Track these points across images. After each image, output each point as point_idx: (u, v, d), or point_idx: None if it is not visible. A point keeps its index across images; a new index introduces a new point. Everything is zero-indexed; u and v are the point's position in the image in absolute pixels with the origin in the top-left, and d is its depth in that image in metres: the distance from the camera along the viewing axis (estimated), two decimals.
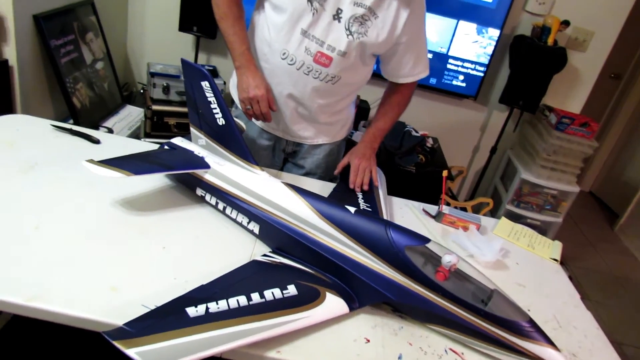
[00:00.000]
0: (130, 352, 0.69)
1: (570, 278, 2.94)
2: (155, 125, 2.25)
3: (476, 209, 2.73)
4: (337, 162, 1.53)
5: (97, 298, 0.83)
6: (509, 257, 1.32)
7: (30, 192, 1.06)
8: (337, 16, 1.23)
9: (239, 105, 1.47)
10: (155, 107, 2.24)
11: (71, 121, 2.02)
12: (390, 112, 1.46)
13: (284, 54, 1.29)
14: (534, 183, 2.67)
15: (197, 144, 1.22)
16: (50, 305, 0.79)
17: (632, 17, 2.65)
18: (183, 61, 1.14)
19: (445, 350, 0.92)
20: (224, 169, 1.13)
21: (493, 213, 2.84)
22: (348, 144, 1.61)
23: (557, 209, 2.74)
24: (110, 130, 2.17)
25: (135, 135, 2.31)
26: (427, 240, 0.96)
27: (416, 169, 2.35)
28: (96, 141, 1.35)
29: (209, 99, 1.11)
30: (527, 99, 2.56)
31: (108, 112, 2.32)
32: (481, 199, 2.53)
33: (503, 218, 1.52)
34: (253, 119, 1.34)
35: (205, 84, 1.10)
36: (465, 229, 1.38)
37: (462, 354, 0.92)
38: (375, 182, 1.39)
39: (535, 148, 2.70)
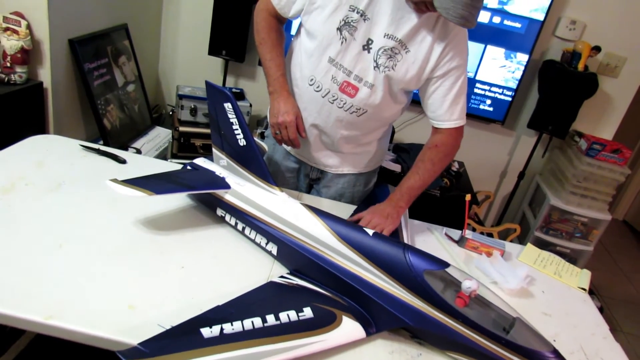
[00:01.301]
0: None
1: (602, 308, 2.83)
2: (182, 146, 2.30)
3: (503, 235, 2.66)
4: (365, 193, 1.51)
5: (114, 317, 0.84)
6: (534, 284, 1.28)
7: (56, 211, 1.09)
8: (367, 47, 1.21)
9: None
10: (182, 129, 2.29)
11: (101, 142, 2.09)
12: (422, 169, 1.29)
13: (311, 79, 1.28)
14: (563, 210, 2.59)
15: (218, 165, 1.24)
16: (67, 324, 0.80)
17: None
18: (207, 83, 1.17)
19: None
20: (244, 190, 1.14)
21: (521, 239, 2.77)
22: (382, 176, 1.59)
23: (588, 237, 2.65)
24: (138, 151, 2.23)
25: (162, 156, 2.37)
26: (447, 264, 0.94)
27: (441, 192, 2.32)
28: (122, 161, 1.39)
29: (231, 120, 1.13)
30: (557, 124, 2.51)
31: (137, 133, 2.39)
32: (508, 225, 2.47)
33: (529, 244, 1.47)
34: (283, 144, 1.35)
35: (227, 106, 1.12)
36: (489, 254, 1.35)
37: None
38: None
39: (564, 174, 2.63)
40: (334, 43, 1.21)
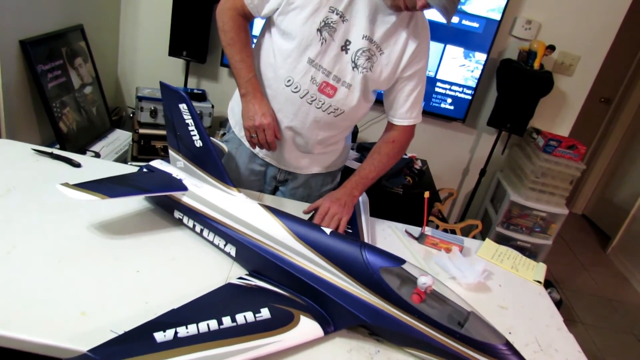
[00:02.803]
0: None
1: (562, 301, 2.92)
2: (142, 149, 2.25)
3: (466, 231, 2.72)
4: (329, 190, 1.52)
5: (65, 324, 0.81)
6: (492, 279, 1.31)
7: (4, 217, 1.04)
8: (345, 47, 1.22)
9: (235, 130, 1.45)
10: (142, 131, 2.24)
11: (57, 146, 2.02)
12: (377, 161, 1.36)
13: (288, 80, 1.26)
14: (523, 205, 2.67)
15: (175, 166, 1.22)
16: (14, 333, 0.77)
17: (620, 42, 2.70)
18: (162, 84, 1.15)
19: None
20: (201, 191, 1.12)
21: (483, 235, 2.83)
22: (345, 173, 1.59)
23: (547, 231, 2.73)
24: (97, 155, 2.17)
25: (122, 159, 2.31)
26: (403, 261, 0.95)
27: (403, 190, 2.35)
28: (77, 165, 1.35)
29: (187, 121, 1.11)
30: (515, 122, 2.58)
31: (96, 137, 2.33)
32: (470, 221, 2.52)
33: (487, 240, 1.51)
34: (257, 148, 1.33)
35: (183, 107, 1.10)
36: (448, 250, 1.37)
37: None
38: (341, 230, 1.24)
39: (523, 170, 2.71)
40: (314, 44, 1.20)
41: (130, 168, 1.36)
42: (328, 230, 1.00)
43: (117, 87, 2.83)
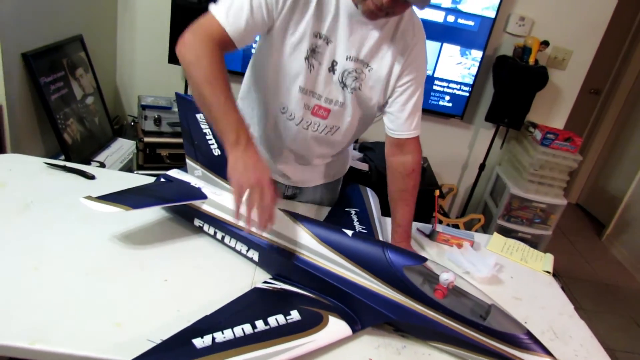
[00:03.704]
0: None
1: (563, 289, 2.98)
2: (148, 157, 2.27)
3: (468, 226, 2.77)
4: (335, 196, 1.53)
5: (101, 335, 0.83)
6: (503, 271, 1.35)
7: (27, 232, 1.06)
8: (332, 68, 1.18)
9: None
10: (147, 139, 2.26)
11: (62, 157, 2.03)
12: (411, 200, 1.31)
13: (283, 108, 1.24)
14: (522, 198, 2.72)
15: (193, 175, 1.24)
16: (55, 347, 0.79)
17: (609, 35, 2.76)
18: (178, 95, 1.17)
19: None
20: (221, 199, 1.15)
21: (485, 228, 2.88)
22: (351, 175, 1.62)
23: (547, 222, 2.79)
24: (102, 165, 2.18)
25: (127, 168, 2.33)
26: (425, 259, 0.99)
27: None
28: (91, 177, 1.36)
29: (204, 131, 1.14)
30: (512, 117, 2.64)
31: (99, 147, 2.34)
32: (472, 216, 2.57)
33: (495, 234, 1.55)
34: (241, 222, 1.05)
35: (200, 116, 1.13)
36: (460, 246, 1.41)
37: None
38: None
39: (522, 163, 2.76)
40: (303, 72, 1.17)
41: (144, 178, 1.38)
42: (350, 232, 1.03)
43: (116, 96, 2.84)
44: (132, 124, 2.58)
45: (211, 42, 1.03)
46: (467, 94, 2.72)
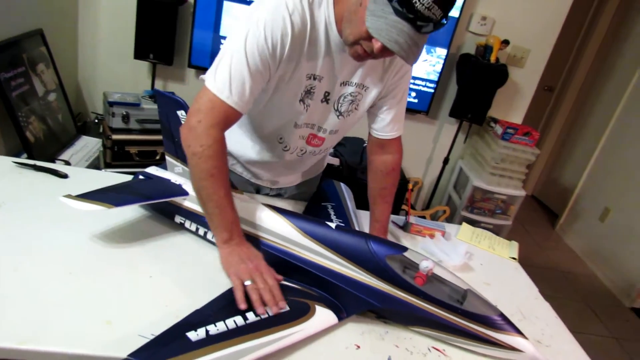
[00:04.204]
0: None
1: None
2: (117, 155, 2.22)
3: (434, 217, 2.87)
4: (314, 190, 1.56)
5: (92, 333, 0.83)
6: (473, 259, 1.42)
7: (3, 234, 1.03)
8: (324, 99, 1.18)
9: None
10: (115, 137, 2.21)
11: (25, 155, 1.97)
12: (389, 197, 1.35)
13: (280, 138, 1.25)
14: (485, 189, 2.84)
15: (173, 172, 1.24)
16: (46, 346, 0.79)
17: (562, 35, 2.91)
18: (157, 92, 1.17)
19: (429, 349, 0.99)
20: None
21: (449, 220, 2.99)
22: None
23: (507, 213, 2.93)
24: (67, 163, 2.12)
25: (94, 166, 2.27)
26: (405, 249, 1.04)
27: None
28: (64, 176, 1.33)
29: None
30: (475, 112, 2.75)
31: (63, 145, 2.27)
32: (438, 207, 2.66)
33: (464, 224, 1.62)
34: (263, 312, 0.94)
35: (181, 113, 1.13)
36: (432, 236, 1.47)
37: (444, 350, 0.99)
38: None
39: (484, 157, 2.88)
40: (298, 112, 1.18)
41: (119, 177, 1.36)
42: (333, 225, 1.06)
43: (78, 93, 2.76)
44: (97, 121, 2.51)
45: (217, 127, 1.01)
46: (432, 90, 2.81)
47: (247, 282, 0.95)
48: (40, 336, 0.80)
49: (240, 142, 1.31)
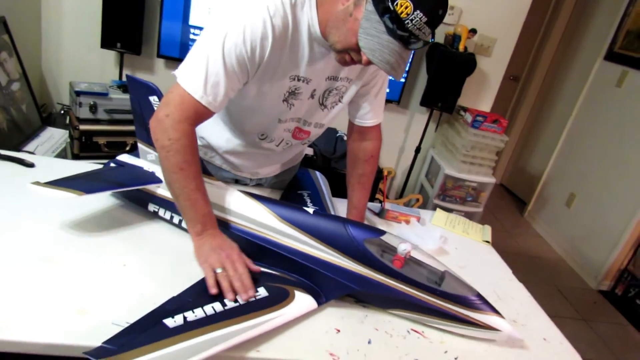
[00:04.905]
0: None
1: None
2: (84, 146, 2.15)
3: (407, 205, 2.90)
4: (291, 177, 1.54)
5: (65, 322, 0.81)
6: (448, 243, 1.44)
7: None
8: (311, 96, 1.17)
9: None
10: (83, 127, 2.14)
11: None
12: (367, 183, 1.35)
13: (262, 134, 1.23)
14: (456, 177, 2.89)
15: (145, 160, 1.21)
16: (15, 336, 0.76)
17: (526, 25, 2.98)
18: (129, 77, 1.13)
19: (408, 331, 1.00)
20: None
21: (422, 208, 3.03)
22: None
23: (478, 200, 2.99)
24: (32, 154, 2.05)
25: (61, 158, 2.20)
26: (383, 232, 1.04)
27: None
28: (30, 165, 1.29)
29: None
30: (445, 101, 2.78)
31: (27, 136, 2.19)
32: (412, 196, 2.69)
33: (438, 209, 1.65)
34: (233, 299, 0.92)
35: (154, 99, 1.10)
36: (407, 222, 1.49)
37: (423, 332, 1.00)
38: None
39: (455, 145, 2.93)
40: (282, 111, 1.16)
41: (88, 166, 1.32)
42: (311, 210, 1.06)
43: (42, 83, 2.65)
44: (63, 112, 2.43)
45: (186, 122, 0.98)
46: (402, 80, 2.83)
47: (218, 270, 0.94)
48: (10, 325, 0.77)
49: (219, 134, 1.28)
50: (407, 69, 2.82)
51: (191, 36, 2.49)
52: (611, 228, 3.13)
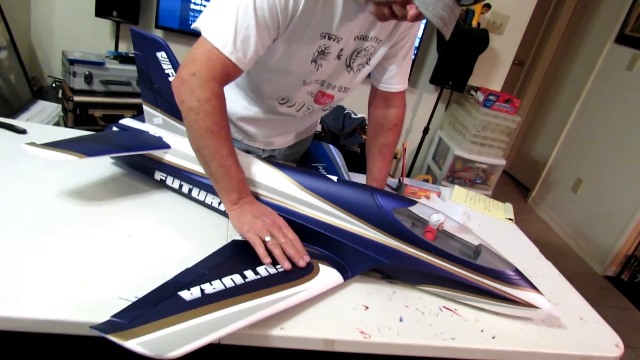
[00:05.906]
0: (129, 344, 0.60)
1: None
2: (79, 119, 2.04)
3: None
4: (306, 146, 1.46)
5: (68, 297, 0.72)
6: (470, 220, 1.36)
7: None
8: (337, 57, 1.07)
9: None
10: (77, 99, 2.02)
11: None
12: (388, 153, 1.28)
13: (283, 99, 1.13)
14: (466, 159, 2.81)
15: (152, 124, 1.11)
16: (16, 312, 0.68)
17: (534, 8, 2.88)
18: (133, 31, 1.03)
19: (440, 309, 0.92)
20: (187, 148, 1.03)
21: None
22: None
23: (487, 182, 2.91)
24: None
25: None
26: (414, 202, 0.95)
27: (361, 149, 2.37)
28: (22, 131, 1.19)
29: (167, 72, 1.01)
30: (456, 79, 2.68)
31: (17, 109, 2.07)
32: (421, 176, 2.61)
33: (457, 186, 1.57)
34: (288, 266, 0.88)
35: (161, 55, 1.00)
36: (428, 197, 1.40)
37: (456, 310, 0.92)
38: None
39: (465, 125, 2.84)
40: (310, 72, 1.06)
41: (84, 133, 1.22)
42: (335, 178, 0.97)
43: (31, 54, 2.51)
44: (54, 85, 2.31)
45: (215, 81, 0.89)
46: (412, 57, 2.73)
47: (267, 238, 0.88)
48: (8, 301, 0.69)
49: (233, 100, 1.17)
50: (417, 45, 2.72)
51: (192, 6, 2.36)
52: (618, 213, 3.08)
